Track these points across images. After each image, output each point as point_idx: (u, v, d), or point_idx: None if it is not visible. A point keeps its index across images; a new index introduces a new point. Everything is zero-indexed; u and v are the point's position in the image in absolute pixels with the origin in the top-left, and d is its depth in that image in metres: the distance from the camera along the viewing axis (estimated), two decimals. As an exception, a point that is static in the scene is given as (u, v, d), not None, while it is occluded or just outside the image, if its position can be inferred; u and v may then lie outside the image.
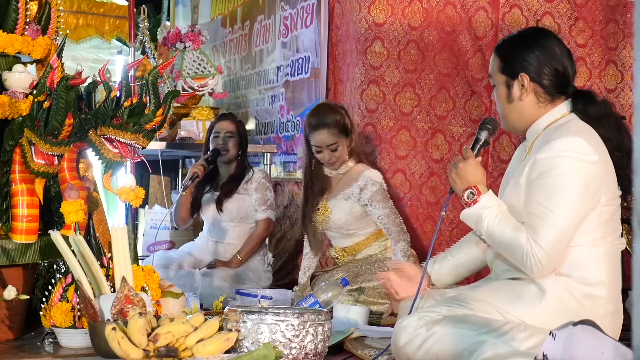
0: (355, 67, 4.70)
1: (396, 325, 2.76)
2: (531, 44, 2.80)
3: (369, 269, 4.16)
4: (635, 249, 1.27)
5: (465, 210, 2.79)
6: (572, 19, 4.91)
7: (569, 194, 2.60)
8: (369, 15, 4.67)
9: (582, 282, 2.68)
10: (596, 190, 2.64)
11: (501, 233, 2.69)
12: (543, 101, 2.78)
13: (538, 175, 2.64)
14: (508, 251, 2.71)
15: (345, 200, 4.26)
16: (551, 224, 2.60)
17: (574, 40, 4.91)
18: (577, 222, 2.64)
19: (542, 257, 2.61)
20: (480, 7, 4.81)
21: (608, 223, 2.72)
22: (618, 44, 4.97)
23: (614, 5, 4.98)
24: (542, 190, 2.63)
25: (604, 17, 4.97)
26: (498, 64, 2.83)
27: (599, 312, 2.69)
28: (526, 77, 2.77)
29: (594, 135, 2.70)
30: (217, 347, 2.67)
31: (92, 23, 7.10)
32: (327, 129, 4.23)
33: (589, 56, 4.94)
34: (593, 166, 2.62)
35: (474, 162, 2.79)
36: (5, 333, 3.15)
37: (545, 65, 2.76)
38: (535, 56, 2.77)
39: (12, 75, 3.24)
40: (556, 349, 2.54)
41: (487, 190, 2.77)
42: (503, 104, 2.84)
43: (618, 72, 4.97)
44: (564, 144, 2.62)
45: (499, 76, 2.83)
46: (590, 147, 2.63)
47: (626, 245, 4.53)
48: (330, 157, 4.26)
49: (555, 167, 2.61)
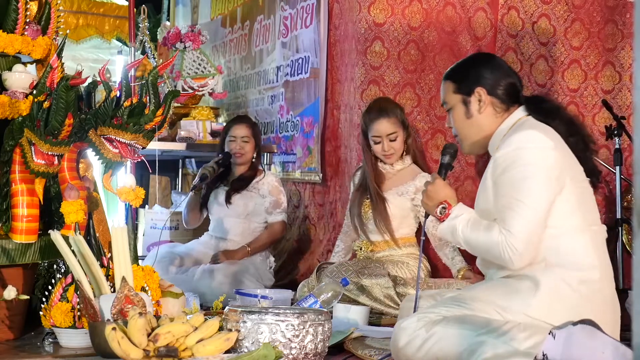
0: (356, 67, 4.70)
1: (396, 326, 2.77)
2: (480, 63, 2.99)
3: (377, 266, 4.12)
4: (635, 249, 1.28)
5: (441, 225, 2.90)
6: (568, 21, 4.90)
7: (534, 181, 2.69)
8: (369, 16, 4.67)
9: (575, 269, 2.72)
10: (559, 174, 2.73)
11: (475, 236, 2.78)
12: (500, 111, 2.92)
13: (501, 171, 2.75)
14: (486, 251, 2.78)
15: (398, 196, 4.30)
16: (520, 212, 2.68)
17: (568, 42, 4.90)
18: (545, 207, 2.71)
19: (517, 244, 2.67)
20: (480, 7, 4.81)
21: (583, 208, 2.78)
22: (616, 45, 4.96)
23: (613, 6, 4.97)
24: (507, 183, 2.73)
25: (602, 18, 4.96)
26: (451, 87, 2.98)
27: (596, 297, 2.72)
28: (483, 90, 2.91)
29: (547, 128, 2.82)
30: (217, 347, 2.67)
31: (92, 23, 7.10)
32: (387, 117, 4.28)
33: (584, 58, 4.93)
34: (552, 152, 2.73)
35: (441, 182, 2.93)
36: (5, 333, 3.16)
37: (499, 78, 2.92)
38: (488, 71, 2.93)
39: (12, 75, 3.25)
40: (556, 349, 2.55)
41: (457, 202, 2.88)
42: (461, 123, 2.96)
43: (616, 73, 4.96)
44: (520, 137, 2.75)
45: (454, 97, 2.97)
46: (543, 136, 2.75)
47: (626, 245, 4.54)
48: (389, 148, 4.28)
49: (516, 159, 2.72)
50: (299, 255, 5.41)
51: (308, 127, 5.34)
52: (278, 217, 4.93)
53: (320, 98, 5.16)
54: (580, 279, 2.71)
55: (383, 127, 4.27)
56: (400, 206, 4.28)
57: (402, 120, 4.33)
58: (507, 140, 2.78)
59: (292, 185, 5.63)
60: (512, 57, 4.83)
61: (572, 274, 2.70)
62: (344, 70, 4.94)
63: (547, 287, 2.69)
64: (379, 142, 4.28)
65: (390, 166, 4.34)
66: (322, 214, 5.24)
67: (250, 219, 4.93)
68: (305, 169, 5.38)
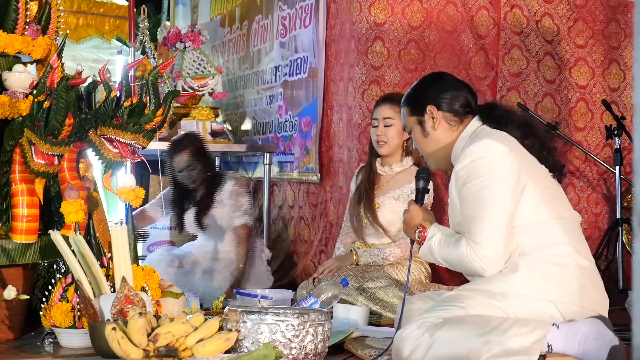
0: (356, 67, 4.71)
1: (396, 337, 2.77)
2: (428, 83, 3.10)
3: (377, 269, 4.10)
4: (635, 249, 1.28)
5: (420, 249, 2.98)
6: (571, 20, 4.91)
7: (493, 189, 2.77)
8: (369, 15, 4.67)
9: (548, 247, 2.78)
10: (518, 177, 2.79)
11: (448, 253, 2.86)
12: (454, 124, 3.01)
13: (462, 184, 2.84)
14: (459, 265, 2.86)
15: (395, 199, 4.22)
16: (483, 221, 2.76)
17: (573, 41, 4.91)
18: (508, 212, 2.77)
19: (485, 252, 2.74)
20: (482, 6, 4.81)
21: (549, 201, 2.83)
22: (620, 43, 4.97)
23: (615, 5, 4.98)
24: (468, 195, 2.81)
25: (605, 17, 4.97)
26: (407, 111, 3.09)
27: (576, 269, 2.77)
28: (433, 108, 3.01)
29: (501, 134, 2.91)
30: (217, 347, 2.67)
31: (92, 23, 7.09)
32: (390, 103, 4.23)
33: (590, 55, 4.94)
34: (507, 157, 2.80)
35: (415, 207, 3.02)
36: (5, 333, 3.16)
37: (448, 93, 3.01)
38: (436, 88, 3.04)
39: (12, 75, 3.24)
40: (560, 339, 2.60)
41: (432, 223, 2.97)
42: (421, 142, 3.07)
43: (620, 72, 4.97)
44: (475, 148, 2.83)
45: (410, 120, 3.07)
46: (497, 143, 2.82)
47: (626, 245, 4.54)
48: (382, 134, 4.21)
49: (474, 171, 2.80)
50: (297, 255, 5.42)
51: (306, 127, 5.34)
52: (240, 220, 4.78)
53: (318, 98, 5.17)
54: (554, 256, 2.77)
55: (382, 110, 4.22)
56: (395, 211, 4.17)
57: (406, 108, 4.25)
58: (464, 152, 2.86)
59: (287, 185, 5.63)
60: (518, 54, 4.83)
61: (545, 252, 2.77)
62: (340, 70, 4.94)
63: (524, 265, 2.77)
64: (376, 125, 4.23)
65: (389, 168, 4.28)
66: (316, 215, 5.24)
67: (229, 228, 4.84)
68: (303, 169, 5.38)
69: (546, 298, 2.72)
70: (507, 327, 2.63)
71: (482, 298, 2.75)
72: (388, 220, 4.22)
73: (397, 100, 4.27)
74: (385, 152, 4.25)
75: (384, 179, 4.30)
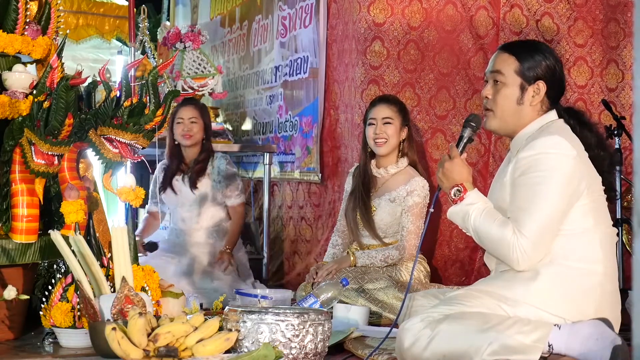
0: (355, 67, 4.71)
1: (400, 329, 2.77)
2: (547, 54, 2.89)
3: (376, 270, 4.10)
4: (635, 249, 1.28)
5: (452, 208, 2.86)
6: (571, 20, 4.91)
7: (551, 187, 2.70)
8: (368, 15, 4.67)
9: (578, 260, 2.73)
10: (578, 183, 2.73)
11: (487, 228, 2.76)
12: (544, 109, 2.89)
13: (521, 173, 2.75)
14: (494, 245, 2.77)
15: (391, 202, 4.20)
16: (534, 215, 2.69)
17: (572, 40, 4.91)
18: (560, 213, 2.72)
19: (527, 247, 2.68)
20: (481, 6, 4.81)
21: (596, 212, 2.79)
22: (619, 43, 4.97)
23: (615, 5, 4.98)
24: (525, 186, 2.73)
25: (605, 17, 4.97)
26: (515, 66, 2.87)
27: (596, 291, 2.74)
28: (543, 85, 2.85)
29: (572, 135, 2.82)
30: (217, 347, 2.67)
31: (92, 23, 7.09)
32: (387, 103, 4.25)
33: (589, 55, 4.94)
34: (572, 160, 2.72)
35: (459, 160, 2.85)
36: (5, 333, 3.16)
37: (559, 78, 2.88)
38: (553, 65, 2.87)
39: (12, 75, 3.25)
40: (561, 340, 2.60)
41: (473, 188, 2.84)
42: (508, 104, 2.87)
43: (619, 71, 4.97)
44: (544, 142, 2.74)
45: (514, 77, 2.87)
46: (568, 144, 2.74)
47: (626, 245, 4.54)
48: (381, 132, 4.20)
49: (536, 164, 2.72)
50: (296, 255, 5.41)
51: (307, 127, 5.34)
52: (238, 199, 4.90)
53: (319, 98, 5.16)
54: (582, 270, 2.73)
55: (380, 110, 4.22)
56: (391, 213, 4.17)
57: (402, 115, 4.24)
58: (532, 142, 2.76)
59: (287, 185, 5.63)
60: (518, 54, 4.83)
61: (574, 265, 2.73)
62: (342, 70, 4.94)
63: (546, 275, 2.72)
64: (374, 124, 4.22)
65: (385, 170, 4.25)
66: (319, 214, 5.23)
67: (209, 204, 4.89)
68: (304, 169, 5.38)
69: (559, 315, 2.70)
70: (509, 325, 2.63)
71: (490, 300, 2.73)
72: (385, 223, 4.21)
73: (393, 101, 4.28)
74: (384, 151, 4.24)
75: (380, 181, 4.29)
